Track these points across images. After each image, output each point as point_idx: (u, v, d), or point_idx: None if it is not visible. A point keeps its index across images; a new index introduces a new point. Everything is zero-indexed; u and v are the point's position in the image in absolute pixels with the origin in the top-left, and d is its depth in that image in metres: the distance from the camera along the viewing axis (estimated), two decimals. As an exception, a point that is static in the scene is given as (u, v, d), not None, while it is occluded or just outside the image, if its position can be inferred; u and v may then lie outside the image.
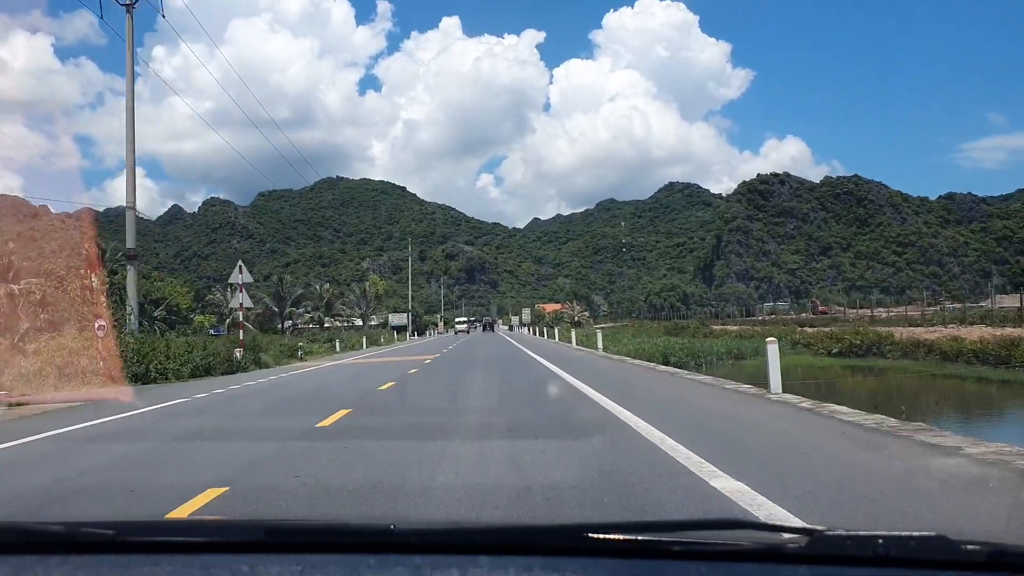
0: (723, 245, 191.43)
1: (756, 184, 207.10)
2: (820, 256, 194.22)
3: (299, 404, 15.30)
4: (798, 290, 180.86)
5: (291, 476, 6.59)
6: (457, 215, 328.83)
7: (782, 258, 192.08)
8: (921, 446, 7.10)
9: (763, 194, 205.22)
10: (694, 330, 56.25)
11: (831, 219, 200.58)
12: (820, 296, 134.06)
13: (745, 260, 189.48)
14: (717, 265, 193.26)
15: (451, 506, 5.40)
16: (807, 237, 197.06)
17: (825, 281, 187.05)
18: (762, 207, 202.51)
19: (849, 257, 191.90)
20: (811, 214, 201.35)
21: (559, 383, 17.70)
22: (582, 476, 6.21)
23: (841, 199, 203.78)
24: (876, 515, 4.87)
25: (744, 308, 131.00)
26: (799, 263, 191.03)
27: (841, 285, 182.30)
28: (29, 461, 8.62)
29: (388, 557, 1.68)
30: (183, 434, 10.24)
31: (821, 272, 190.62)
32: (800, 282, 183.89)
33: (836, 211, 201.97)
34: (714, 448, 7.19)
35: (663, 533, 1.72)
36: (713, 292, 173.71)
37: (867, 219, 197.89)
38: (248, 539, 1.83)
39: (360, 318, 72.15)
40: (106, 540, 1.79)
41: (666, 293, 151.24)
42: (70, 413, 13.61)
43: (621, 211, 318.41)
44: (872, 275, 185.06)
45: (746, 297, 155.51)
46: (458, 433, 9.03)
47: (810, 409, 10.20)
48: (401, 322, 76.14)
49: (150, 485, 6.67)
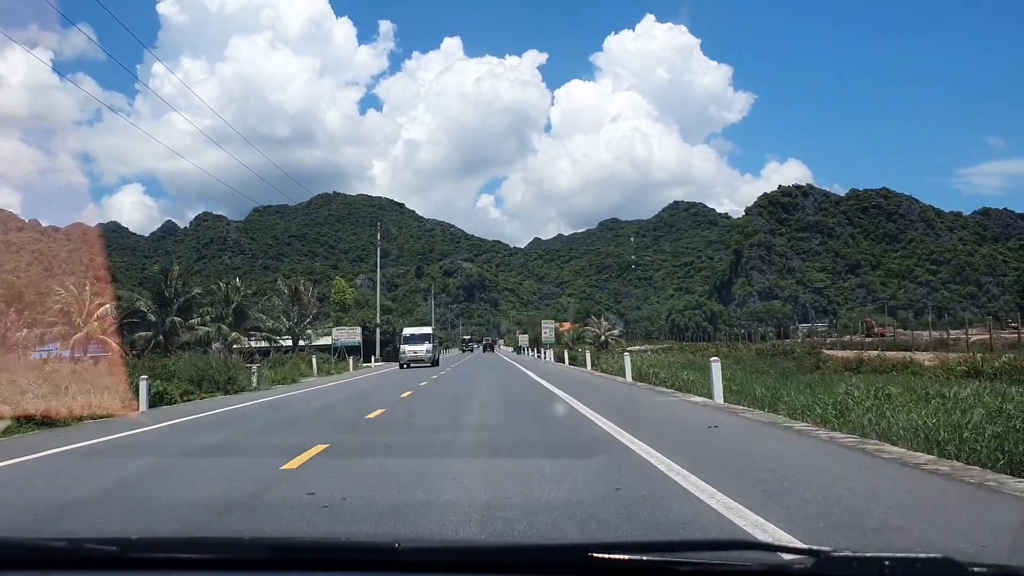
0: (743, 261, 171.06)
1: (778, 196, 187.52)
2: (848, 274, 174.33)
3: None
4: (824, 310, 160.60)
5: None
6: (456, 232, 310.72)
7: (807, 276, 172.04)
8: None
9: (785, 207, 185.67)
10: (801, 358, 36.59)
11: (859, 235, 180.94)
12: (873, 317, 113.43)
13: (768, 277, 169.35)
14: (737, 283, 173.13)
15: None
16: (834, 254, 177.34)
17: (854, 301, 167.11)
18: (785, 221, 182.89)
19: (879, 275, 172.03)
20: (837, 229, 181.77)
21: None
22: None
23: (869, 213, 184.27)
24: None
25: (780, 329, 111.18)
26: (826, 281, 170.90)
27: (872, 306, 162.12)
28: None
29: (392, 575, 1.63)
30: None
31: (849, 291, 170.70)
32: (828, 302, 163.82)
33: (864, 226, 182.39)
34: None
35: (669, 553, 1.66)
36: (744, 311, 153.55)
37: (898, 235, 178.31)
38: (252, 556, 1.79)
39: (291, 334, 49.22)
40: (110, 556, 1.75)
41: (690, 311, 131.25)
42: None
43: (624, 230, 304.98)
44: (905, 295, 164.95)
45: (781, 316, 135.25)
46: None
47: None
48: (351, 341, 52.33)
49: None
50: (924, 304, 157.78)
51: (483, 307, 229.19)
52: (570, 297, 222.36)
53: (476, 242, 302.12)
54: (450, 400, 18.87)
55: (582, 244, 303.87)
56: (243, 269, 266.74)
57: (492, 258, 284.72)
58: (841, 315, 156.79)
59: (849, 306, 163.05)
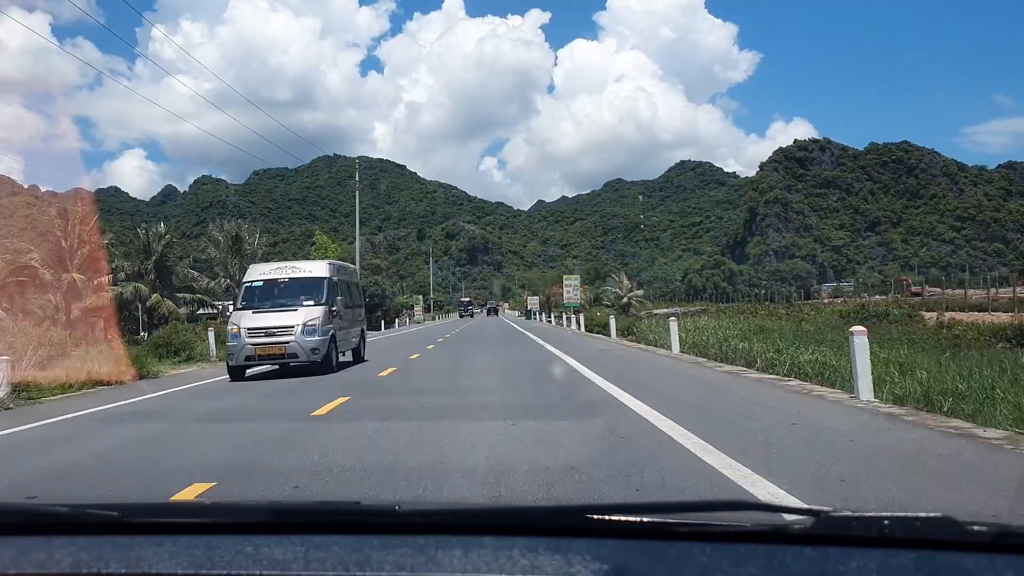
0: (758, 219, 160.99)
1: (794, 151, 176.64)
2: (867, 232, 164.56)
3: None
4: (843, 269, 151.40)
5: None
6: (459, 194, 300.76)
7: (825, 234, 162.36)
8: None
9: (801, 162, 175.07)
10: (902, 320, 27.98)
11: (879, 190, 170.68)
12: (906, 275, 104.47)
13: (785, 236, 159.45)
14: (752, 242, 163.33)
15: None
16: (852, 210, 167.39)
17: (874, 259, 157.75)
18: (801, 177, 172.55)
19: (900, 233, 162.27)
20: (856, 185, 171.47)
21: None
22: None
23: (889, 168, 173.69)
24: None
25: (804, 288, 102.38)
26: (845, 239, 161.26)
27: (892, 264, 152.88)
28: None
29: (393, 538, 1.64)
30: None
31: (869, 250, 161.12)
32: (847, 260, 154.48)
33: (884, 182, 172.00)
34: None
35: (667, 514, 1.67)
36: (763, 270, 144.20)
37: (919, 191, 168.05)
38: (253, 520, 1.81)
39: (231, 296, 34.20)
40: (111, 521, 1.76)
41: (708, 271, 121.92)
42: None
43: (630, 191, 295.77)
44: (928, 253, 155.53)
45: (806, 275, 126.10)
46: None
47: None
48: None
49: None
50: (948, 262, 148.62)
51: (486, 270, 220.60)
52: (575, 259, 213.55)
53: (479, 204, 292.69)
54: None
55: (587, 205, 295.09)
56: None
57: (495, 220, 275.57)
58: (860, 274, 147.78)
59: (869, 265, 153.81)
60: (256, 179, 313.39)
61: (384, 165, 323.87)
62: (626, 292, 53.54)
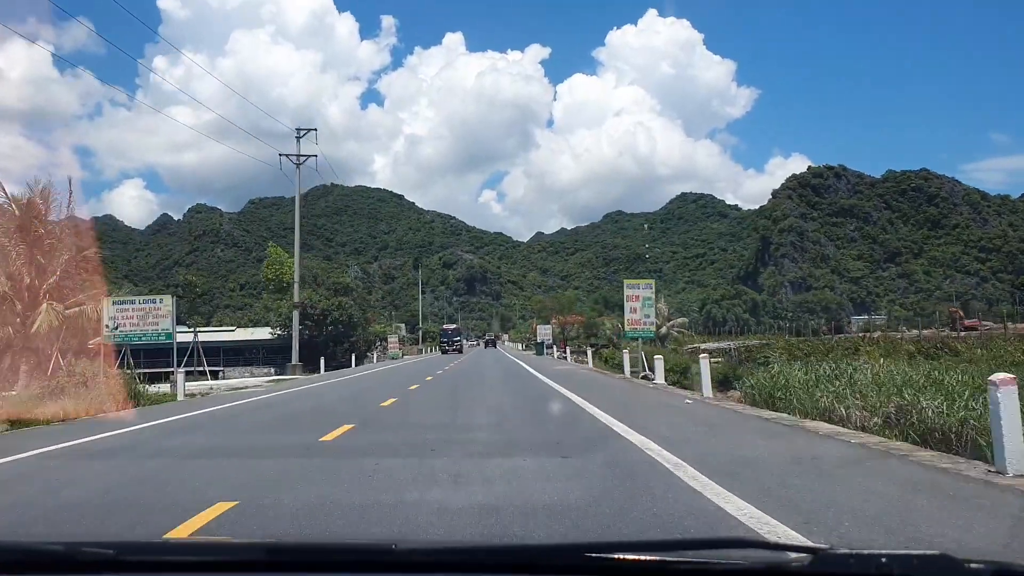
0: (772, 248, 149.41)
1: (808, 178, 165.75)
2: (887, 263, 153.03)
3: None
4: (863, 302, 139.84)
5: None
6: (457, 224, 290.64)
7: (842, 264, 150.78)
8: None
9: (816, 189, 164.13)
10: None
11: (898, 219, 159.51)
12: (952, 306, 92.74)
13: (801, 266, 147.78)
14: (765, 272, 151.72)
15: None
16: (871, 240, 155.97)
17: (895, 292, 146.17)
18: (816, 205, 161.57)
19: (922, 264, 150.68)
20: (873, 213, 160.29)
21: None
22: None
23: (908, 196, 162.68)
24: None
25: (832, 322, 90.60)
26: (864, 270, 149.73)
27: (915, 297, 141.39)
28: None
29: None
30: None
31: (890, 281, 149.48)
32: (866, 293, 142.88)
33: (903, 210, 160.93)
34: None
35: (667, 552, 1.62)
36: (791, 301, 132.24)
37: (940, 220, 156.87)
38: (249, 558, 1.76)
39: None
40: (107, 559, 1.72)
41: (727, 301, 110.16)
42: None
43: (630, 223, 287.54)
44: (952, 286, 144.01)
45: (835, 306, 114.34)
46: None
47: None
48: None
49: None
50: (972, 295, 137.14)
51: (484, 300, 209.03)
52: (576, 290, 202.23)
53: (477, 234, 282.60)
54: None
55: (587, 237, 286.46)
56: (236, 262, 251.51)
57: (494, 250, 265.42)
58: (881, 307, 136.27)
59: (890, 298, 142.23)
60: (251, 207, 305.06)
61: (381, 194, 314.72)
62: (665, 321, 41.86)
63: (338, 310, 38.65)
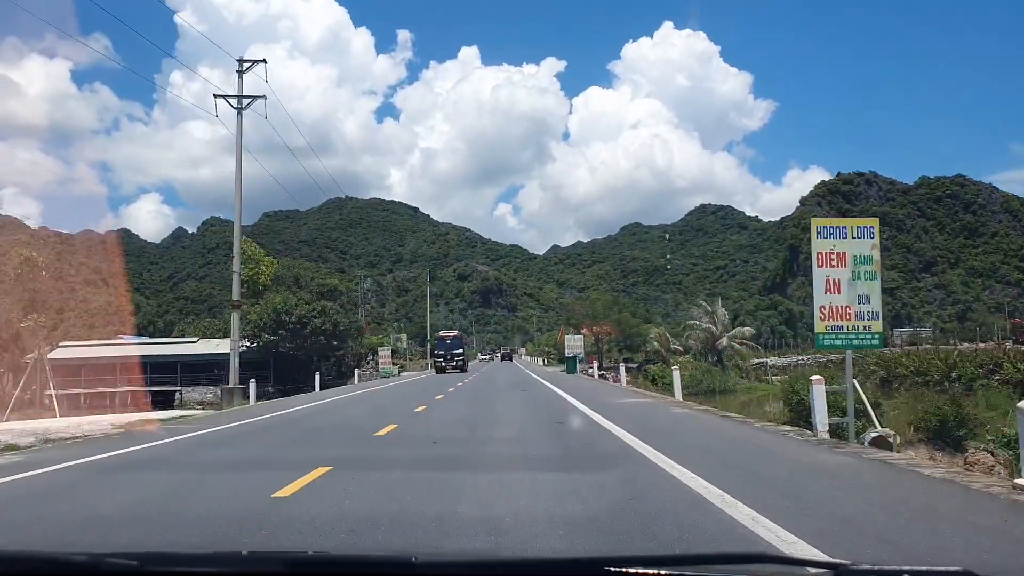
0: (802, 259, 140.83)
1: (838, 185, 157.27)
2: (922, 273, 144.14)
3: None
4: (898, 314, 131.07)
5: None
6: (472, 236, 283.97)
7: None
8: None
9: (847, 196, 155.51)
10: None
11: (932, 228, 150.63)
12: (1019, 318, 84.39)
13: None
14: (794, 283, 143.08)
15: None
16: (905, 249, 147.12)
17: (931, 303, 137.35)
18: (847, 212, 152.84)
19: (960, 274, 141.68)
20: (907, 221, 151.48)
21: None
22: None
23: (943, 204, 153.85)
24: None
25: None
26: (898, 281, 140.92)
27: (951, 309, 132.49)
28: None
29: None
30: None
31: (925, 293, 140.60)
32: (901, 304, 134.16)
33: (938, 218, 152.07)
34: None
35: (685, 567, 1.58)
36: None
37: (978, 228, 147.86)
38: (271, 570, 1.75)
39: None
40: (130, 571, 1.71)
41: (762, 312, 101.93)
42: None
43: (648, 235, 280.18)
44: (991, 297, 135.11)
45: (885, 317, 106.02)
46: None
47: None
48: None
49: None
50: (1015, 307, 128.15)
51: (501, 313, 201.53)
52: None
53: (492, 246, 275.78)
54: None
55: (604, 249, 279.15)
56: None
57: (510, 263, 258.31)
58: (917, 319, 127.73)
59: (926, 309, 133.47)
60: (266, 220, 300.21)
61: (396, 207, 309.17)
62: (722, 331, 34.02)
63: (320, 317, 31.08)
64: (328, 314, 31.29)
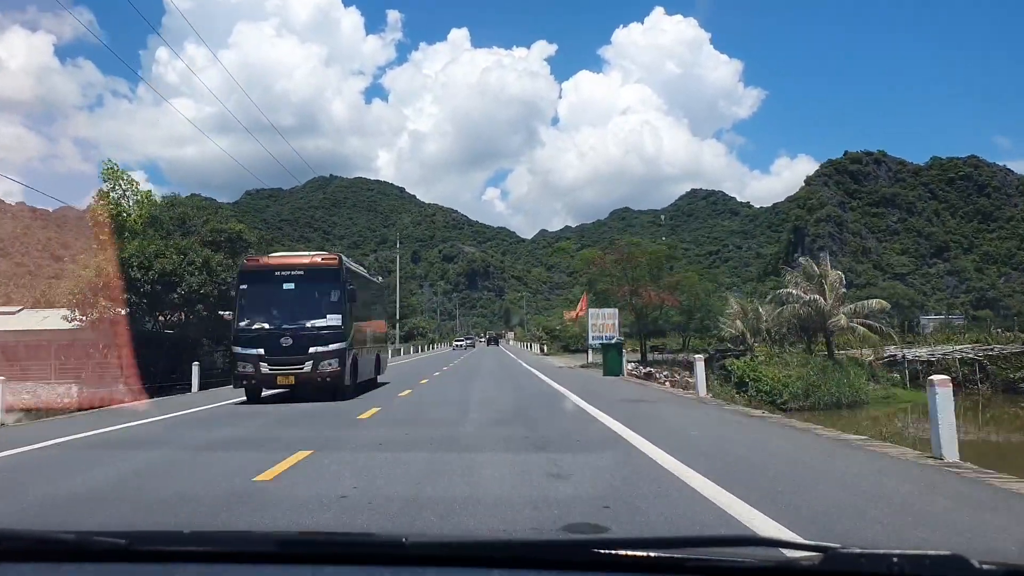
0: (808, 241, 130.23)
1: (846, 164, 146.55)
2: (934, 258, 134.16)
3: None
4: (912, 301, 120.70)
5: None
6: (459, 217, 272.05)
7: (885, 259, 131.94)
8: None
9: (855, 176, 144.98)
10: None
11: (944, 211, 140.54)
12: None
13: (841, 260, 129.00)
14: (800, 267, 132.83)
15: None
16: (915, 233, 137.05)
17: (944, 290, 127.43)
18: (855, 193, 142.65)
19: (974, 260, 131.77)
20: (918, 203, 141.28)
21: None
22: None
23: (956, 186, 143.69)
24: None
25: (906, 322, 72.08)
26: (909, 266, 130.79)
27: (965, 297, 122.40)
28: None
29: (401, 570, 1.59)
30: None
31: (937, 279, 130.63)
32: (913, 291, 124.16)
33: (951, 201, 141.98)
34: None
35: (675, 549, 1.58)
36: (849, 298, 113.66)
37: (993, 212, 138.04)
38: (261, 550, 1.74)
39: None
40: (119, 549, 1.70)
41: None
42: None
43: (637, 220, 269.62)
44: (1007, 285, 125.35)
45: (908, 303, 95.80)
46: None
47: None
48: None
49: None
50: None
51: (487, 296, 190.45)
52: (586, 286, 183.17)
53: (480, 228, 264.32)
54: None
55: (592, 234, 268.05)
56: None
57: (497, 246, 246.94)
58: (929, 307, 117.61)
59: (938, 297, 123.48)
60: (248, 199, 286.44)
61: (382, 187, 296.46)
62: (835, 302, 23.52)
63: (198, 274, 19.99)
64: (215, 271, 20.36)
